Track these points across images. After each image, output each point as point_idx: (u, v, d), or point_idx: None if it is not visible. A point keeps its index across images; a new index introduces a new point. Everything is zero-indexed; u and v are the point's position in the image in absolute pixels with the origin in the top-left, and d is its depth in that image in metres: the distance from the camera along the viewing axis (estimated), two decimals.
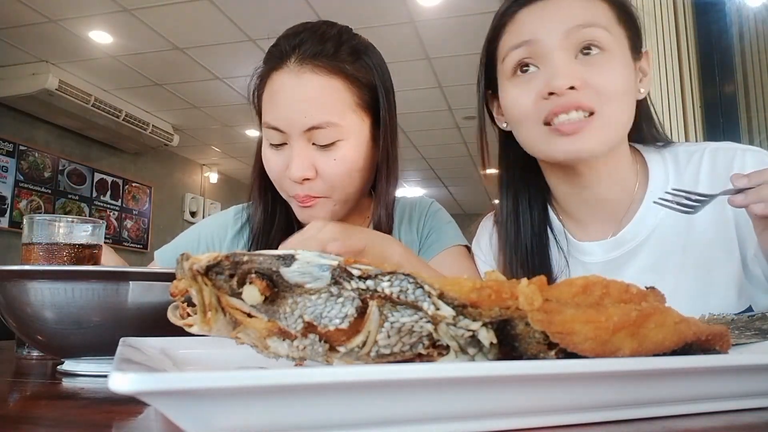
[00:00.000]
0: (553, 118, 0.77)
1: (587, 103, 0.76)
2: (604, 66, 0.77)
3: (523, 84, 0.80)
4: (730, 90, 2.51)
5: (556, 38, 0.77)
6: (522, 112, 0.81)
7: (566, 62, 0.77)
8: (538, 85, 0.78)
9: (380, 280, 0.34)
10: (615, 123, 0.78)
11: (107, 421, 0.37)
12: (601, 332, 0.34)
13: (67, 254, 0.76)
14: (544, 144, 0.80)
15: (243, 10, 3.50)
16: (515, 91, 0.81)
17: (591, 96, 0.76)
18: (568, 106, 0.76)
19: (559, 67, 0.76)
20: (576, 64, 0.77)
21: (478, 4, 3.37)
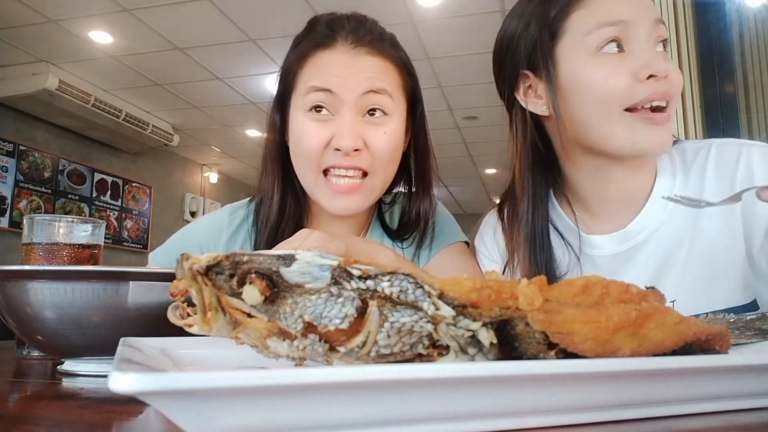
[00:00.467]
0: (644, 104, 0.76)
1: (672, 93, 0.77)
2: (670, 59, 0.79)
3: (615, 62, 0.77)
4: (730, 90, 2.51)
5: (647, 24, 0.77)
6: (611, 91, 0.76)
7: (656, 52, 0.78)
8: (633, 65, 0.76)
9: (380, 280, 0.34)
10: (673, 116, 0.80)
11: (107, 421, 0.37)
12: (601, 332, 0.34)
13: (67, 254, 0.76)
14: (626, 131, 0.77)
15: (243, 10, 3.50)
16: (602, 70, 0.77)
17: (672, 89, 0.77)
18: (666, 93, 0.75)
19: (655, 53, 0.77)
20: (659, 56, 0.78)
21: (478, 4, 3.37)
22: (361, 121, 0.91)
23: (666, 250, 0.84)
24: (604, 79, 0.77)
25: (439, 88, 4.63)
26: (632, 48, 0.77)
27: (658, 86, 0.75)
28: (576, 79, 0.80)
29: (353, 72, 0.90)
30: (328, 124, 0.91)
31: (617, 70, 0.76)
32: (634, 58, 0.76)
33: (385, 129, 0.92)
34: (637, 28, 0.77)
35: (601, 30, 0.77)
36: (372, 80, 0.90)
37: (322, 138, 0.90)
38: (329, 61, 0.92)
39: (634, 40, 0.77)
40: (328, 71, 0.91)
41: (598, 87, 0.77)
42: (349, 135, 0.88)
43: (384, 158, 0.92)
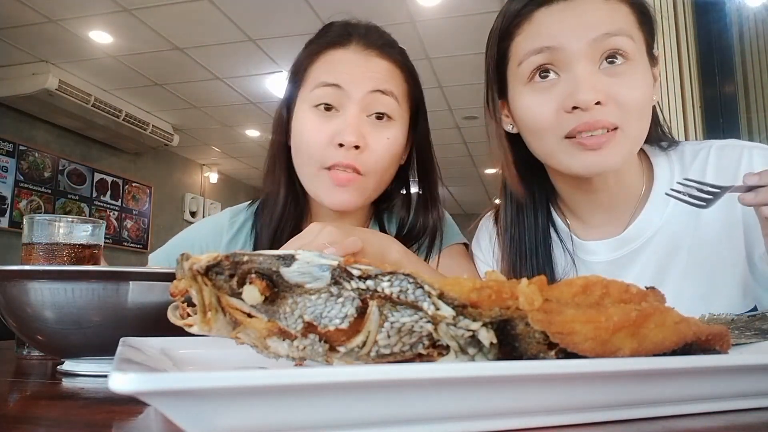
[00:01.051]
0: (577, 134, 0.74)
1: (612, 120, 0.73)
2: (628, 77, 0.74)
3: (543, 92, 0.76)
4: (730, 90, 2.51)
5: (581, 46, 0.73)
6: (541, 123, 0.76)
7: (591, 73, 0.73)
8: (559, 95, 0.74)
9: (380, 280, 0.34)
10: (636, 137, 0.76)
11: (107, 421, 0.37)
12: (601, 332, 0.34)
13: (67, 254, 0.76)
14: (565, 156, 0.76)
15: (243, 10, 3.50)
16: (534, 100, 0.77)
17: (615, 112, 0.73)
18: (595, 124, 0.72)
19: (585, 79, 0.72)
20: (600, 74, 0.73)
21: (478, 4, 3.37)
22: (365, 120, 0.92)
23: (663, 256, 0.83)
24: (533, 110, 0.77)
25: (439, 88, 4.63)
26: (564, 74, 0.74)
27: (586, 117, 0.72)
28: (515, 107, 0.80)
29: (363, 71, 0.92)
30: (332, 120, 0.91)
31: (544, 101, 0.75)
32: (560, 88, 0.74)
33: (388, 134, 0.93)
34: (570, 51, 0.73)
35: (530, 59, 0.76)
36: (380, 80, 0.92)
37: (325, 134, 0.91)
38: (341, 58, 0.93)
39: (567, 65, 0.74)
40: (339, 67, 0.92)
41: (528, 117, 0.78)
42: (352, 131, 0.89)
43: (382, 161, 0.93)
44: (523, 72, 0.77)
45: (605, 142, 0.73)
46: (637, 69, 0.75)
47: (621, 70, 0.74)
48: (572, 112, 0.73)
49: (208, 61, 4.23)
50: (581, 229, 0.90)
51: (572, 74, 0.73)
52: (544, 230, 0.90)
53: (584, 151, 0.74)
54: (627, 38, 0.74)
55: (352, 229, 0.78)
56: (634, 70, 0.74)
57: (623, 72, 0.74)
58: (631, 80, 0.74)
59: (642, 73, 0.75)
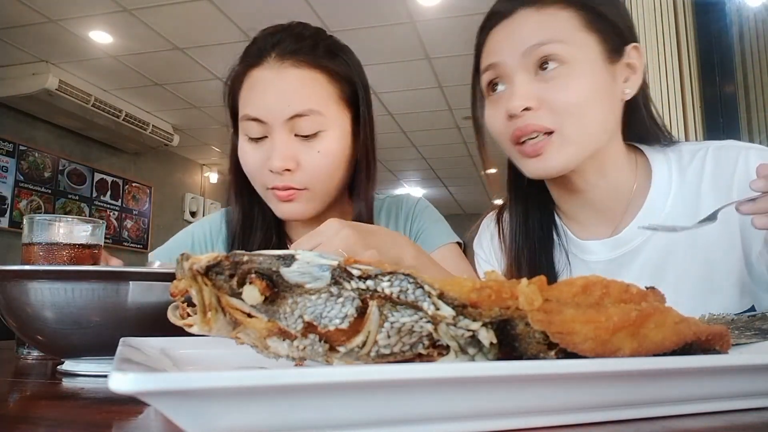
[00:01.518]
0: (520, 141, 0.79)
1: (543, 125, 0.77)
2: (561, 80, 0.77)
3: (494, 104, 0.83)
4: (730, 90, 2.51)
5: (515, 59, 0.79)
6: (496, 131, 0.84)
7: (523, 83, 0.78)
8: (503, 106, 0.81)
9: (380, 280, 0.34)
10: (577, 137, 0.78)
11: (107, 421, 0.37)
12: (601, 332, 0.34)
13: (67, 254, 0.76)
14: (519, 162, 0.83)
15: (243, 10, 3.50)
16: (489, 111, 0.85)
17: (547, 116, 0.77)
18: (526, 129, 0.77)
19: (516, 87, 0.78)
20: (535, 82, 0.78)
21: (478, 4, 3.35)
22: (294, 141, 0.92)
23: (662, 256, 0.84)
24: (489, 119, 0.85)
25: (439, 88, 4.63)
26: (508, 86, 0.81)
27: (519, 124, 0.78)
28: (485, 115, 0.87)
29: (276, 94, 0.91)
30: (263, 146, 0.93)
31: (495, 111, 0.83)
32: (504, 98, 0.80)
33: (319, 148, 0.92)
34: (507, 65, 0.79)
35: (483, 75, 0.84)
36: (296, 103, 0.91)
37: (258, 160, 0.94)
38: (257, 80, 0.93)
39: (509, 78, 0.80)
40: (257, 95, 0.93)
41: (490, 128, 0.86)
42: (279, 157, 0.90)
43: (320, 175, 0.93)
44: (483, 86, 0.86)
45: (542, 147, 0.78)
46: (573, 71, 0.77)
47: (554, 75, 0.77)
48: (511, 120, 0.79)
49: (208, 61, 4.23)
50: (578, 229, 0.91)
51: (510, 85, 0.80)
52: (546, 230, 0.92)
53: (528, 158, 0.80)
54: (558, 44, 0.77)
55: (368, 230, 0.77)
56: (568, 73, 0.77)
57: (556, 76, 0.77)
58: (565, 83, 0.77)
59: (581, 74, 0.77)
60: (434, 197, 8.08)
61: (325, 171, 0.93)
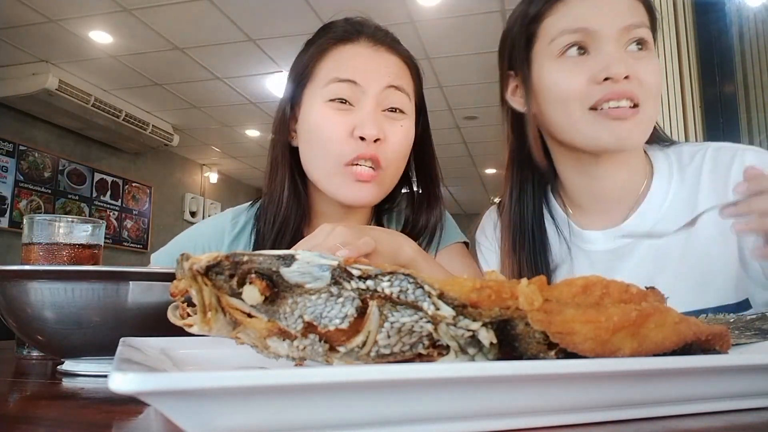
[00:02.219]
0: (603, 104, 0.79)
1: (637, 95, 0.78)
2: (649, 63, 0.81)
3: (574, 66, 0.81)
4: (730, 90, 2.51)
5: (613, 31, 0.79)
6: (570, 93, 0.81)
7: (622, 52, 0.80)
8: (591, 68, 0.79)
9: (380, 280, 0.34)
10: (651, 118, 0.82)
11: (107, 421, 0.37)
12: (601, 332, 0.34)
13: (67, 254, 0.76)
14: (590, 128, 0.80)
15: (243, 10, 3.50)
16: (563, 72, 0.82)
17: (639, 89, 0.79)
18: (623, 93, 0.78)
19: (617, 55, 0.79)
20: (627, 56, 0.80)
21: (478, 4, 3.37)
22: (381, 114, 0.93)
23: (661, 248, 0.86)
24: (563, 81, 0.82)
25: (439, 88, 4.63)
26: (594, 52, 0.81)
27: (615, 87, 0.78)
28: (542, 81, 0.85)
29: (377, 65, 0.93)
30: (350, 114, 0.91)
31: (575, 72, 0.81)
32: (592, 62, 0.80)
33: (402, 123, 0.94)
34: (602, 35, 0.80)
35: (563, 36, 0.82)
36: (394, 76, 0.93)
37: (344, 126, 0.90)
38: (352, 53, 0.94)
39: (597, 45, 0.80)
40: (352, 62, 0.93)
41: (559, 88, 0.82)
42: (373, 124, 0.89)
43: (399, 151, 0.94)
44: (554, 48, 0.83)
45: (628, 117, 0.78)
46: (654, 59, 0.83)
47: (643, 56, 0.81)
48: (602, 83, 0.78)
49: (208, 61, 4.23)
50: (581, 217, 0.93)
51: (603, 52, 0.79)
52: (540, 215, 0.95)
53: (611, 120, 0.78)
54: (646, 29, 0.82)
55: (363, 229, 0.77)
56: (651, 58, 0.82)
57: (645, 57, 0.81)
58: (651, 65, 0.81)
59: (657, 62, 0.83)
60: None
61: (404, 149, 0.95)
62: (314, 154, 0.94)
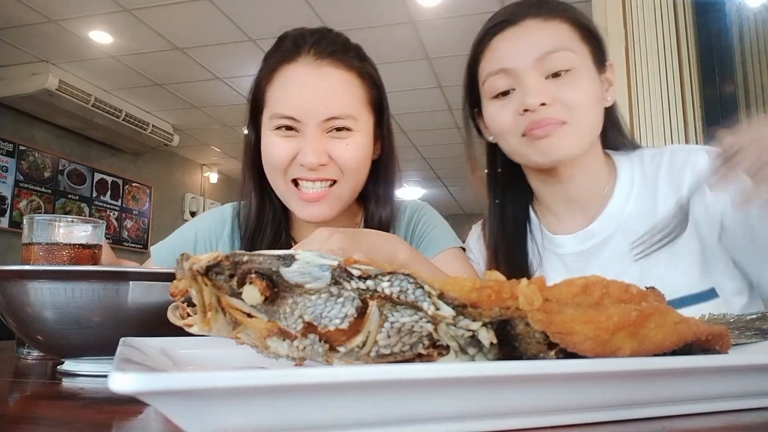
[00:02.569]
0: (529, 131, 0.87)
1: (559, 117, 0.85)
2: (571, 83, 0.87)
3: (502, 103, 0.90)
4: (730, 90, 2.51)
5: (528, 63, 0.86)
6: (503, 127, 0.90)
7: (537, 82, 0.86)
8: (514, 103, 0.88)
9: (380, 280, 0.34)
10: (584, 128, 0.88)
11: (107, 421, 0.37)
12: (601, 332, 0.34)
13: (67, 254, 0.76)
14: (525, 150, 0.89)
15: (243, 10, 3.50)
16: (495, 110, 0.91)
17: (561, 110, 0.86)
18: (542, 122, 0.85)
19: (531, 87, 0.86)
20: (547, 83, 0.86)
21: (478, 4, 3.37)
22: (326, 137, 0.94)
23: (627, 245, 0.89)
24: (496, 118, 0.92)
25: (439, 88, 4.63)
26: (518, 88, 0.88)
27: (534, 116, 0.86)
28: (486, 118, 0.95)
29: (314, 95, 0.92)
30: (294, 140, 0.94)
31: (503, 111, 0.90)
32: (515, 99, 0.88)
33: (348, 141, 0.94)
34: (519, 70, 0.87)
35: (489, 79, 0.91)
36: (333, 105, 0.92)
37: (287, 153, 0.94)
38: (293, 77, 0.94)
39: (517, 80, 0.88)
40: (291, 92, 0.93)
41: (495, 124, 0.93)
42: (313, 153, 0.91)
43: (350, 168, 0.95)
44: (487, 90, 0.92)
45: (551, 131, 0.86)
46: (580, 75, 0.87)
47: (565, 80, 0.87)
48: (524, 114, 0.87)
49: (208, 61, 4.23)
50: (553, 223, 1.00)
51: (523, 86, 0.87)
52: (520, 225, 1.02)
53: (536, 140, 0.87)
54: (567, 51, 0.87)
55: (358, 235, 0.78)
56: (576, 77, 0.87)
57: (567, 80, 0.87)
58: (574, 85, 0.87)
59: (585, 78, 0.88)
60: (434, 197, 8.08)
61: (354, 164, 0.95)
62: (269, 173, 0.99)
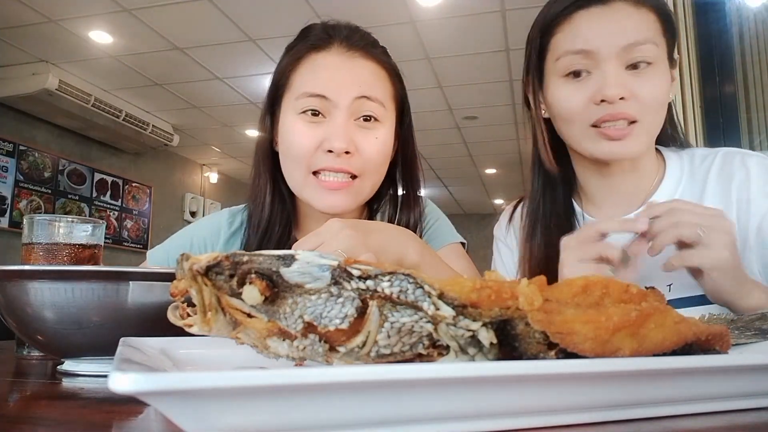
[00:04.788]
0: (601, 123, 0.83)
1: (633, 114, 0.82)
2: (650, 79, 0.83)
3: (575, 86, 0.86)
4: (730, 90, 2.51)
5: (613, 51, 0.82)
6: (572, 112, 0.86)
7: (618, 73, 0.82)
8: (589, 89, 0.84)
9: (380, 280, 0.34)
10: (653, 130, 0.87)
11: (107, 421, 0.37)
12: (601, 332, 0.34)
13: (67, 254, 0.76)
14: (590, 143, 0.86)
15: (243, 10, 3.50)
16: (566, 92, 0.87)
17: (636, 107, 0.82)
18: (618, 115, 0.82)
19: (612, 77, 0.82)
20: (626, 75, 0.83)
21: (478, 4, 3.37)
22: (353, 125, 0.92)
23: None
24: (565, 100, 0.87)
25: (439, 88, 4.63)
26: (595, 71, 0.84)
27: (610, 109, 0.82)
28: (551, 95, 0.90)
29: (347, 76, 0.92)
30: (320, 126, 0.92)
31: (576, 94, 0.85)
32: (591, 83, 0.84)
33: (376, 134, 0.93)
34: (601, 55, 0.83)
35: (566, 57, 0.86)
36: (365, 86, 0.92)
37: (313, 139, 0.91)
38: (324, 62, 0.93)
39: (597, 65, 0.84)
40: (322, 73, 0.92)
41: (562, 106, 0.88)
42: (342, 137, 0.89)
43: (374, 162, 0.94)
44: (560, 67, 0.87)
45: (626, 135, 0.83)
46: (658, 71, 0.84)
47: (644, 73, 0.83)
48: (600, 104, 0.83)
49: (208, 61, 4.23)
50: (594, 211, 0.98)
51: (602, 72, 0.83)
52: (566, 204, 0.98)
53: (607, 140, 0.84)
54: (652, 45, 0.83)
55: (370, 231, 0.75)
56: (654, 73, 0.84)
57: (645, 74, 0.83)
58: (652, 81, 0.83)
59: (662, 76, 0.85)
60: (434, 197, 8.08)
61: (379, 159, 0.94)
62: (288, 163, 0.96)
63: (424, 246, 0.82)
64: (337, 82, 0.91)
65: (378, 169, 0.95)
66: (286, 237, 1.02)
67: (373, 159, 0.93)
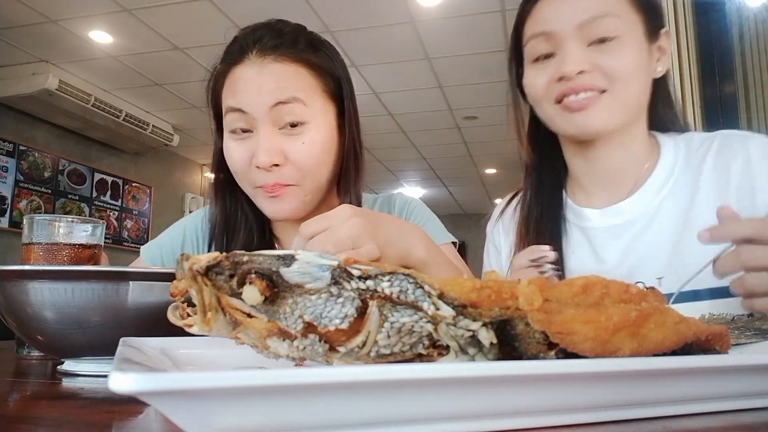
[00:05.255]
0: (563, 98, 0.84)
1: (596, 84, 0.83)
2: (614, 51, 0.83)
3: (540, 68, 0.88)
4: (730, 90, 2.51)
5: (570, 28, 0.84)
6: (537, 92, 0.89)
7: (577, 50, 0.84)
8: (551, 69, 0.86)
9: (380, 280, 0.34)
10: (625, 99, 0.85)
11: (107, 421, 0.37)
12: (601, 332, 0.34)
13: (67, 254, 0.76)
14: (560, 120, 0.87)
15: (243, 10, 3.50)
16: (532, 74, 0.90)
17: (600, 78, 0.83)
18: (578, 88, 0.83)
19: (570, 53, 0.83)
20: (588, 51, 0.84)
21: (478, 4, 3.37)
22: (278, 135, 0.90)
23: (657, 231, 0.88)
24: (532, 82, 0.90)
25: (439, 88, 4.63)
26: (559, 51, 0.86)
27: (569, 84, 0.84)
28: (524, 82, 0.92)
29: (258, 86, 0.90)
30: (248, 142, 0.91)
31: (540, 75, 0.88)
32: (553, 63, 0.86)
33: (303, 139, 0.91)
34: (561, 35, 0.85)
35: (531, 42, 0.89)
36: (278, 91, 0.89)
37: (244, 156, 0.92)
38: (240, 75, 0.92)
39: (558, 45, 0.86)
40: (238, 87, 0.92)
41: (530, 89, 0.91)
42: (264, 151, 0.88)
43: (308, 169, 0.92)
44: (528, 53, 0.90)
45: (589, 104, 0.83)
46: (625, 43, 0.84)
47: (608, 47, 0.84)
48: (560, 81, 0.85)
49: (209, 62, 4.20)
50: (581, 196, 0.97)
51: (562, 52, 0.85)
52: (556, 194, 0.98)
53: (571, 112, 0.85)
54: (613, 18, 0.83)
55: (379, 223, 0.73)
56: (620, 45, 0.84)
57: (610, 48, 0.84)
58: (617, 53, 0.83)
59: (630, 47, 0.84)
60: (434, 197, 8.08)
61: (312, 163, 0.92)
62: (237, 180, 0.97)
63: (431, 243, 0.81)
64: (250, 93, 0.90)
65: (316, 171, 0.93)
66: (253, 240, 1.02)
67: (305, 165, 0.91)
